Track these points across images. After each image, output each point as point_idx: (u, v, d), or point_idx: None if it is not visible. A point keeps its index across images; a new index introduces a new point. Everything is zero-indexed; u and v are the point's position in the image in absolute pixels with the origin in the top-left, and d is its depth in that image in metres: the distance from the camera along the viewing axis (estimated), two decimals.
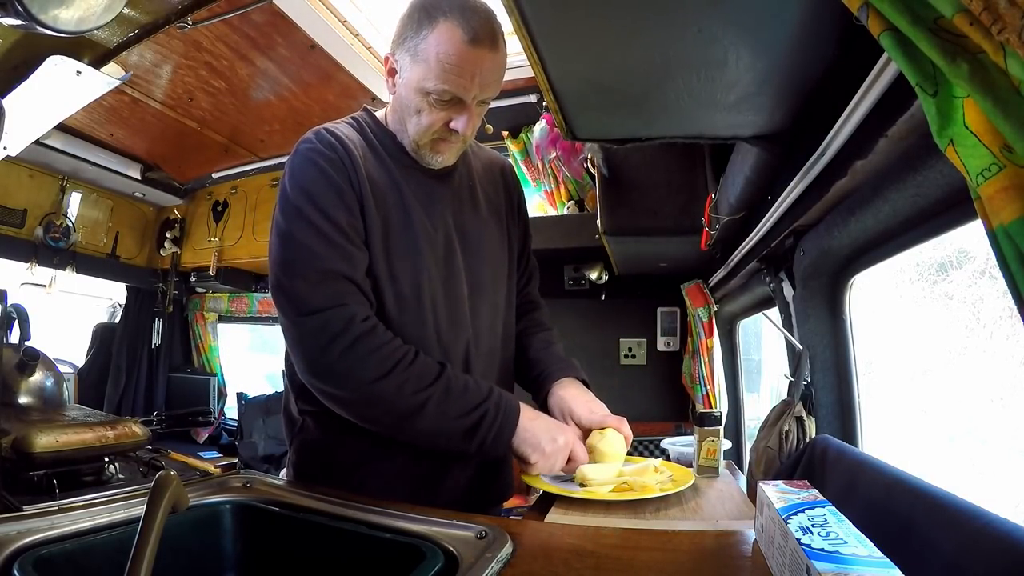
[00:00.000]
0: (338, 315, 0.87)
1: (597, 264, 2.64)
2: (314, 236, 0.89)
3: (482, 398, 0.91)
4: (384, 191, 0.97)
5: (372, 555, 0.71)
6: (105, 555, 0.67)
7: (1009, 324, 1.11)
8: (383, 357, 0.87)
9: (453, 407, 0.89)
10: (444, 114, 0.93)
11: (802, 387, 1.20)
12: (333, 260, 0.89)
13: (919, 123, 0.68)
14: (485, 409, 0.90)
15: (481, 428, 0.90)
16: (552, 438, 0.93)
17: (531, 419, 0.94)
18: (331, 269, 0.88)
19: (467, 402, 0.90)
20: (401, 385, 0.87)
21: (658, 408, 2.68)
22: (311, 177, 0.92)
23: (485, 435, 0.90)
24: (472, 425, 0.89)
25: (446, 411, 0.89)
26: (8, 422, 1.80)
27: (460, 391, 0.90)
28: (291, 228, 0.91)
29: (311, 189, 0.91)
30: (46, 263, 3.05)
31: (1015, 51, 0.36)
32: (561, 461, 0.94)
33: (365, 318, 0.89)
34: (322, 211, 0.90)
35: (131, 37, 1.72)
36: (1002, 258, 0.41)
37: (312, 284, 0.88)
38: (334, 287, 0.88)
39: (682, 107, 0.94)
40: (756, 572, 0.61)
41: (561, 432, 0.95)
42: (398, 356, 0.88)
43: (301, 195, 0.91)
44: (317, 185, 0.92)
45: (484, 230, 1.08)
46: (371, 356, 0.87)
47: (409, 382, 0.88)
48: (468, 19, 0.87)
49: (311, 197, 0.91)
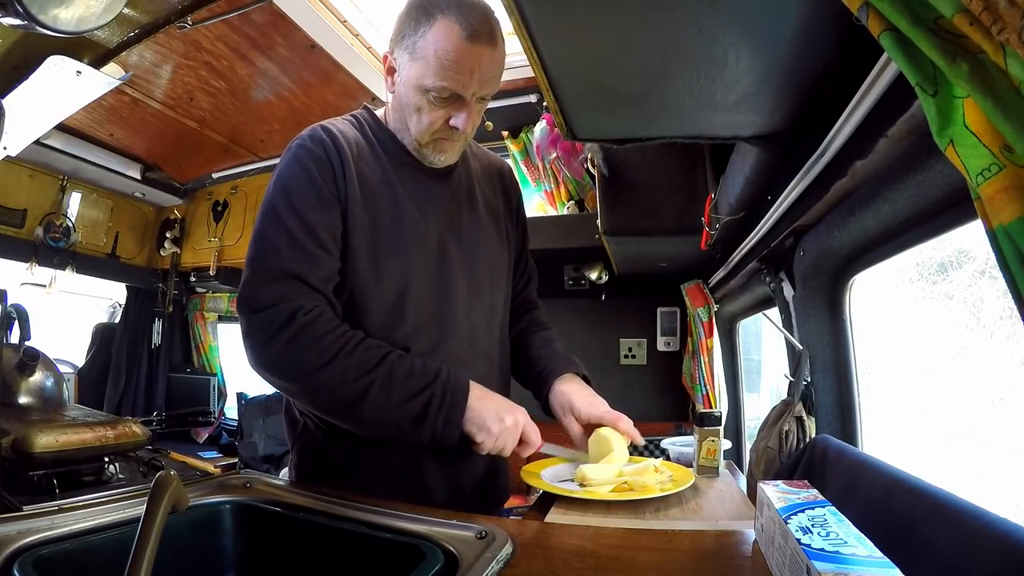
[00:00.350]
0: (283, 309, 0.86)
1: (597, 264, 2.64)
2: (281, 235, 0.89)
3: (428, 380, 0.88)
4: (375, 190, 0.96)
5: (372, 555, 0.71)
6: (105, 555, 0.67)
7: (1009, 324, 1.11)
8: (325, 345, 0.86)
9: (397, 392, 0.86)
10: (444, 111, 0.93)
11: (802, 387, 1.20)
12: (290, 260, 0.89)
13: (919, 123, 0.68)
14: (432, 392, 0.87)
15: (429, 412, 0.86)
16: (499, 417, 0.89)
17: (479, 398, 0.90)
18: (286, 269, 0.88)
19: (412, 386, 0.87)
20: (343, 372, 0.85)
21: (658, 408, 2.68)
22: (292, 175, 0.93)
23: (435, 420, 0.86)
24: (420, 410, 0.86)
25: (391, 395, 0.86)
26: (8, 422, 1.80)
27: (404, 375, 0.87)
28: (263, 226, 0.92)
29: (289, 187, 0.92)
30: (46, 263, 3.05)
31: (1015, 51, 0.36)
32: (511, 442, 0.90)
33: (309, 309, 0.87)
34: (294, 210, 0.90)
35: (131, 37, 1.72)
36: (1002, 258, 0.41)
37: (265, 282, 0.88)
38: (284, 286, 0.88)
39: (682, 107, 0.94)
40: (756, 572, 0.61)
41: (510, 411, 0.90)
42: (340, 343, 0.86)
43: (279, 193, 0.92)
44: (296, 183, 0.92)
45: (481, 231, 1.07)
46: (313, 345, 0.86)
47: (351, 369, 0.86)
48: (466, 15, 0.87)
49: (287, 195, 0.91)
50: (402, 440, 0.90)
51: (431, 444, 0.89)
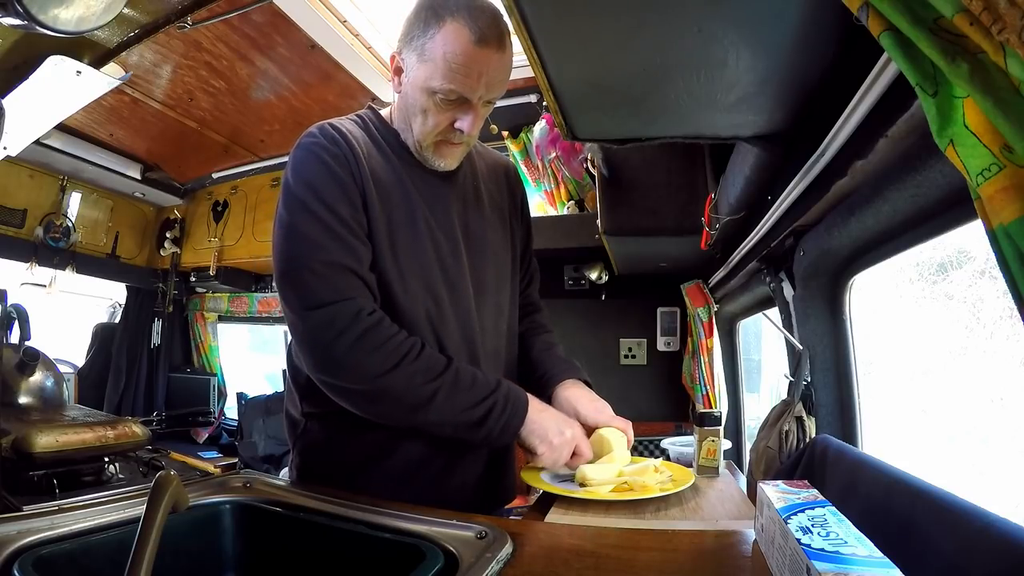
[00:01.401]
0: (345, 309, 0.86)
1: (597, 264, 2.64)
2: (318, 229, 0.89)
3: (490, 390, 0.91)
4: (388, 188, 0.96)
5: (372, 555, 0.71)
6: (105, 555, 0.67)
7: (1009, 324, 1.11)
8: (391, 350, 0.87)
9: (462, 399, 0.89)
10: (450, 114, 0.93)
11: (802, 387, 1.20)
12: (337, 253, 0.88)
13: (919, 123, 0.68)
14: (494, 401, 0.90)
15: (490, 419, 0.90)
16: (560, 431, 0.93)
17: (539, 411, 0.94)
18: (336, 262, 0.88)
19: (475, 394, 0.90)
20: (410, 377, 0.87)
21: (658, 408, 2.68)
22: (314, 170, 0.92)
23: (493, 426, 0.90)
24: (481, 416, 0.89)
25: (455, 403, 0.89)
26: (8, 422, 1.80)
27: (468, 383, 0.90)
28: (295, 221, 0.90)
29: (314, 182, 0.91)
30: (46, 263, 3.05)
31: (1015, 51, 0.36)
32: (567, 454, 0.94)
33: (371, 311, 0.88)
34: (325, 204, 0.89)
35: (131, 37, 1.72)
36: (1002, 258, 0.41)
37: (318, 277, 0.87)
38: (340, 280, 0.88)
39: (682, 107, 0.94)
40: (756, 572, 0.61)
41: (568, 425, 0.95)
42: (405, 349, 0.88)
43: (304, 188, 0.91)
44: (320, 178, 0.91)
45: (488, 230, 1.07)
46: (379, 349, 0.86)
47: (418, 374, 0.87)
48: (475, 19, 0.87)
49: (314, 190, 0.90)
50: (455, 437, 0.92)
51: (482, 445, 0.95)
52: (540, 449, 0.92)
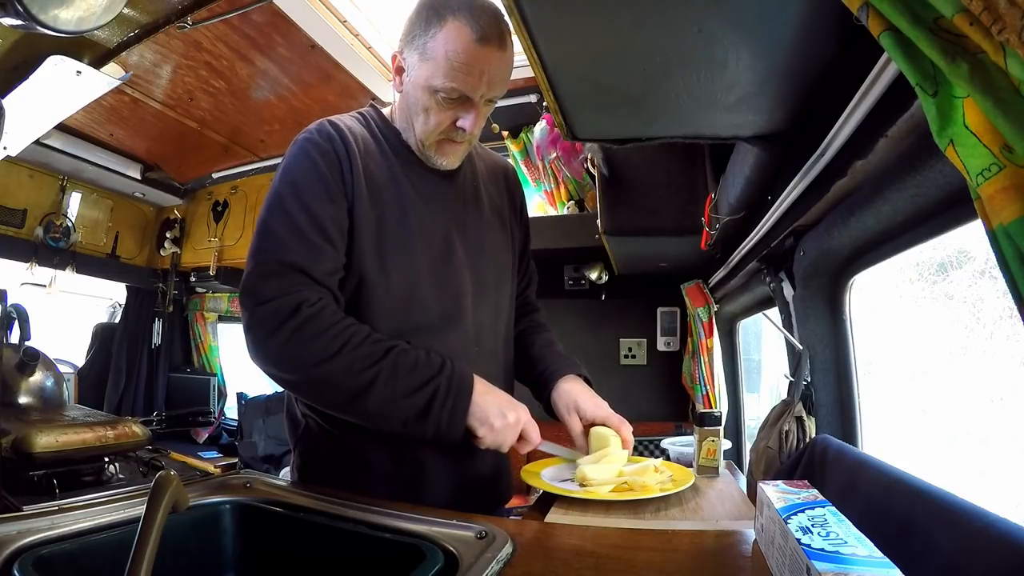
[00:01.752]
0: (286, 302, 0.85)
1: (597, 264, 2.64)
2: (287, 227, 0.89)
3: (433, 373, 0.87)
4: (381, 186, 0.96)
5: (372, 555, 0.71)
6: (105, 555, 0.67)
7: (1009, 324, 1.11)
8: (330, 338, 0.85)
9: (402, 384, 0.86)
10: (451, 112, 0.93)
11: (802, 387, 1.20)
12: (295, 253, 0.88)
13: (919, 123, 0.68)
14: (436, 384, 0.86)
15: (434, 406, 0.86)
16: (502, 413, 0.89)
17: (482, 393, 0.89)
18: (290, 262, 0.88)
19: (416, 378, 0.86)
20: (349, 364, 0.85)
21: (658, 408, 2.68)
22: (300, 167, 0.92)
23: (439, 413, 0.86)
24: (425, 403, 0.86)
25: (395, 388, 0.85)
26: (8, 422, 1.80)
27: (409, 367, 0.87)
28: (267, 218, 0.91)
29: (297, 179, 0.91)
30: (46, 263, 3.05)
31: (1015, 51, 0.36)
32: (511, 438, 0.90)
33: (314, 302, 0.87)
34: (301, 202, 0.90)
35: (131, 37, 1.72)
36: (1002, 258, 0.41)
37: (268, 274, 0.87)
38: (288, 279, 0.87)
39: (682, 107, 0.94)
40: (756, 572, 0.61)
41: (512, 408, 0.90)
42: (346, 336, 0.86)
43: (286, 185, 0.92)
44: (304, 176, 0.91)
45: (487, 230, 1.08)
46: (318, 338, 0.85)
47: (356, 361, 0.85)
48: (477, 18, 0.87)
49: (295, 187, 0.91)
50: (407, 434, 0.89)
51: (436, 439, 0.88)
52: (480, 432, 0.88)
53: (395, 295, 0.95)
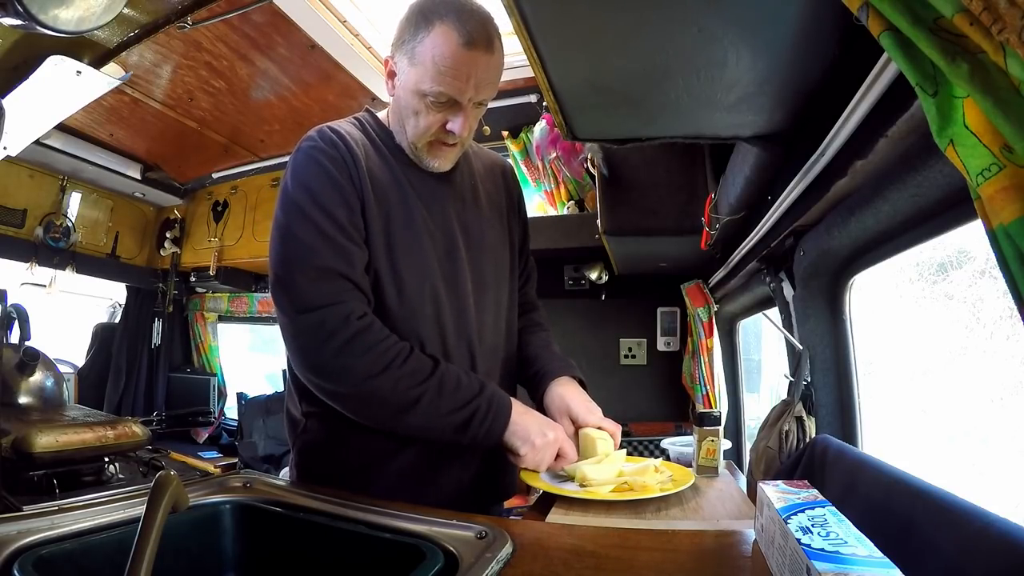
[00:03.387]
0: (335, 312, 0.87)
1: (597, 264, 2.64)
2: (313, 233, 0.90)
3: (474, 394, 0.92)
4: (386, 188, 0.97)
5: (372, 555, 0.71)
6: (105, 555, 0.67)
7: (1009, 324, 1.11)
8: (379, 354, 0.88)
9: (446, 403, 0.90)
10: (441, 115, 0.94)
11: (802, 387, 1.20)
12: (331, 258, 0.89)
13: (919, 123, 0.68)
14: (477, 405, 0.91)
15: (473, 423, 0.91)
16: (542, 432, 0.94)
17: (521, 413, 0.95)
18: (328, 267, 0.89)
19: (459, 398, 0.91)
20: (396, 381, 0.88)
21: (658, 408, 2.68)
22: (312, 174, 0.93)
23: (477, 430, 0.91)
24: (464, 420, 0.91)
25: (439, 406, 0.90)
26: (8, 422, 1.80)
27: (453, 387, 0.91)
28: (290, 224, 0.92)
29: (312, 186, 0.92)
30: (46, 263, 3.05)
31: (1015, 51, 0.36)
32: (550, 456, 0.95)
33: (361, 315, 0.89)
34: (322, 208, 0.90)
35: (131, 37, 1.72)
36: (1002, 258, 0.41)
37: (310, 281, 0.89)
38: (331, 284, 0.89)
39: (682, 107, 0.94)
40: (756, 572, 0.61)
41: (551, 428, 0.96)
42: (393, 353, 0.89)
43: (302, 192, 0.92)
44: (318, 182, 0.92)
45: (486, 228, 1.08)
46: (367, 353, 0.88)
47: (404, 379, 0.89)
48: (464, 22, 0.88)
49: (311, 194, 0.91)
50: (441, 441, 0.94)
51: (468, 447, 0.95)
52: (523, 451, 0.93)
53: (407, 294, 0.96)
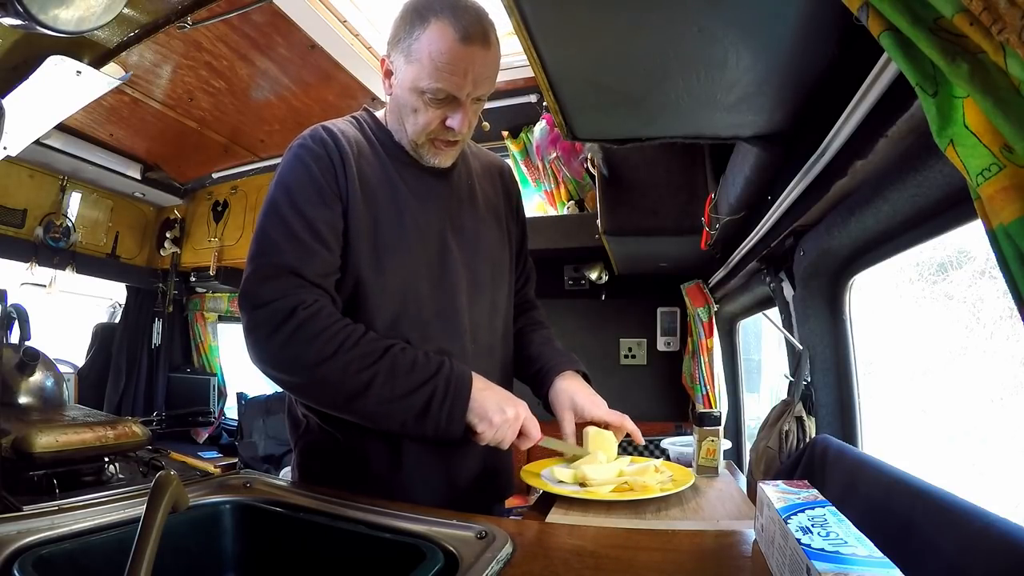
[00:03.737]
0: (283, 305, 0.87)
1: (597, 264, 2.64)
2: (280, 231, 0.90)
3: (430, 374, 0.88)
4: (376, 188, 0.97)
5: (372, 555, 0.71)
6: (105, 555, 0.67)
7: (1009, 324, 1.11)
8: (326, 339, 0.86)
9: (400, 384, 0.87)
10: (440, 112, 0.94)
11: (802, 387, 1.20)
12: (290, 256, 0.89)
13: (919, 123, 0.68)
14: (434, 385, 0.87)
15: (432, 406, 0.87)
16: (501, 409, 0.89)
17: (481, 389, 0.90)
18: (284, 264, 0.89)
19: (415, 378, 0.87)
20: (346, 365, 0.86)
21: (658, 408, 2.68)
22: (294, 173, 0.94)
23: (438, 412, 0.87)
24: (423, 403, 0.87)
25: (393, 388, 0.86)
26: (8, 422, 1.80)
27: (407, 367, 0.88)
28: (263, 223, 0.93)
29: (290, 184, 0.93)
30: (46, 263, 3.05)
31: (1015, 51, 0.36)
32: (511, 434, 0.91)
33: (310, 304, 0.88)
34: (295, 207, 0.91)
35: (131, 37, 1.72)
36: (1002, 258, 0.41)
37: (264, 278, 0.89)
38: (283, 281, 0.88)
39: (682, 107, 0.94)
40: (756, 572, 0.61)
41: (512, 404, 0.91)
42: (342, 337, 0.87)
43: (280, 190, 0.93)
44: (297, 181, 0.93)
45: (483, 228, 1.08)
46: (315, 340, 0.86)
47: (353, 362, 0.86)
48: (459, 18, 0.88)
49: (288, 192, 0.92)
50: (406, 434, 0.91)
51: (435, 438, 0.89)
52: (480, 428, 0.88)
53: (391, 294, 0.96)
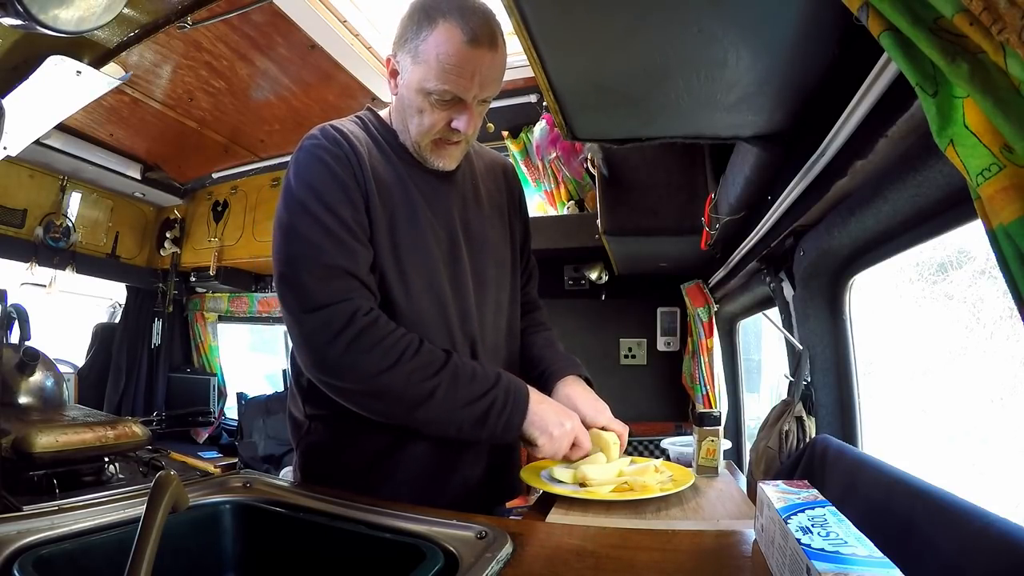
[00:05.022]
0: (341, 310, 0.87)
1: (597, 264, 2.64)
2: (318, 231, 0.89)
3: (491, 384, 0.90)
4: (390, 187, 0.97)
5: (372, 555, 0.71)
6: (105, 555, 0.67)
7: (1009, 324, 1.11)
8: (388, 348, 0.87)
9: (462, 394, 0.89)
10: (445, 114, 0.93)
11: (802, 387, 1.20)
12: (336, 256, 0.89)
13: (919, 123, 0.68)
14: (495, 395, 0.90)
15: (491, 414, 0.89)
16: (560, 422, 0.93)
17: (539, 402, 0.94)
18: (335, 265, 0.88)
19: (475, 388, 0.89)
20: (408, 375, 0.87)
21: (658, 408, 2.68)
22: (316, 172, 0.92)
23: (496, 422, 0.89)
24: (483, 412, 0.89)
25: (455, 398, 0.88)
26: (8, 422, 1.80)
27: (468, 378, 0.90)
28: (295, 223, 0.91)
29: (315, 184, 0.92)
30: (46, 263, 3.05)
31: (1015, 51, 0.36)
32: (566, 445, 0.94)
33: (368, 311, 0.88)
34: (326, 206, 0.90)
35: (131, 37, 1.72)
36: (1002, 258, 0.41)
37: (316, 280, 0.88)
38: (338, 283, 0.88)
39: (682, 107, 0.94)
40: (756, 572, 0.61)
41: (568, 417, 0.95)
42: (403, 346, 0.88)
43: (305, 190, 0.91)
44: (322, 180, 0.92)
45: (488, 227, 1.08)
46: (376, 348, 0.87)
47: (416, 371, 0.87)
48: (467, 19, 0.88)
49: (316, 192, 0.91)
50: (458, 437, 0.92)
51: (486, 441, 0.94)
52: (540, 441, 0.92)
53: (412, 294, 0.96)
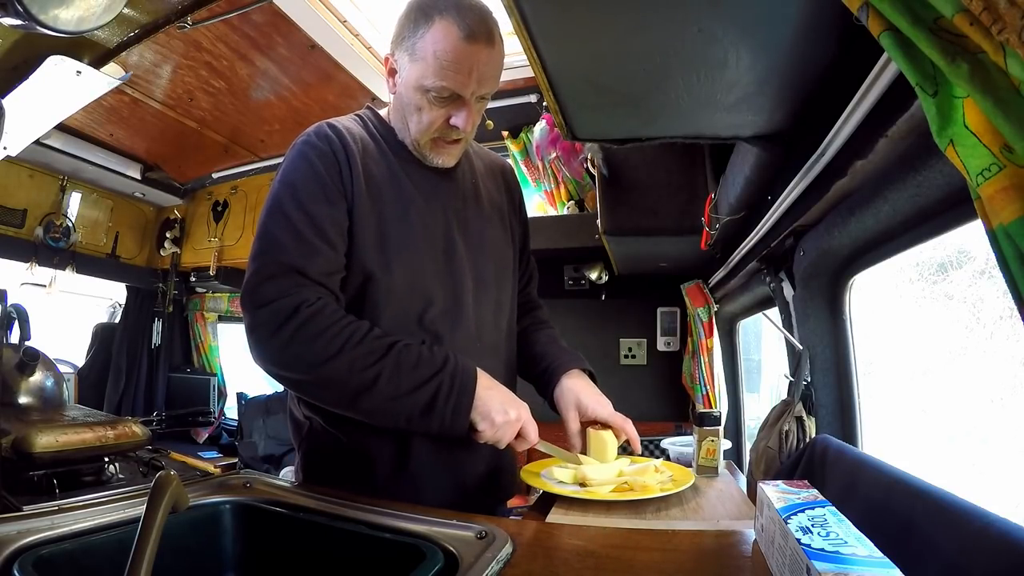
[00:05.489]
0: (286, 303, 0.86)
1: (597, 264, 2.64)
2: (284, 229, 0.90)
3: (436, 369, 0.87)
4: (381, 185, 0.97)
5: (372, 555, 0.71)
6: (105, 555, 0.67)
7: (1009, 324, 1.11)
8: (332, 336, 0.86)
9: (406, 381, 0.86)
10: (444, 111, 0.93)
11: (802, 387, 1.20)
12: (292, 254, 0.89)
13: (919, 123, 0.68)
14: (440, 381, 0.87)
15: (438, 402, 0.86)
16: (504, 409, 0.89)
17: (487, 388, 0.90)
18: (289, 264, 0.88)
19: (420, 374, 0.86)
20: (351, 362, 0.85)
21: (658, 408, 2.68)
22: (297, 170, 0.93)
23: (444, 408, 0.86)
24: (429, 400, 0.86)
25: (399, 385, 0.86)
26: (8, 422, 1.80)
27: (412, 363, 0.87)
28: (266, 220, 0.92)
29: (294, 181, 0.93)
30: (46, 263, 3.05)
31: (1015, 51, 0.36)
32: (510, 435, 0.90)
33: (313, 302, 0.87)
34: (299, 204, 0.90)
35: (131, 37, 1.72)
36: (1002, 258, 0.41)
37: (267, 278, 0.88)
38: (285, 280, 0.88)
39: (682, 107, 0.94)
40: (756, 572, 0.61)
41: (514, 406, 0.90)
42: (347, 334, 0.86)
43: (283, 187, 0.93)
44: (302, 178, 0.92)
45: (487, 226, 1.08)
46: (319, 337, 0.85)
47: (359, 359, 0.85)
48: (464, 16, 0.88)
49: (292, 189, 0.92)
50: (411, 430, 0.90)
51: (439, 434, 0.89)
52: (480, 426, 0.88)
53: (399, 291, 0.96)
